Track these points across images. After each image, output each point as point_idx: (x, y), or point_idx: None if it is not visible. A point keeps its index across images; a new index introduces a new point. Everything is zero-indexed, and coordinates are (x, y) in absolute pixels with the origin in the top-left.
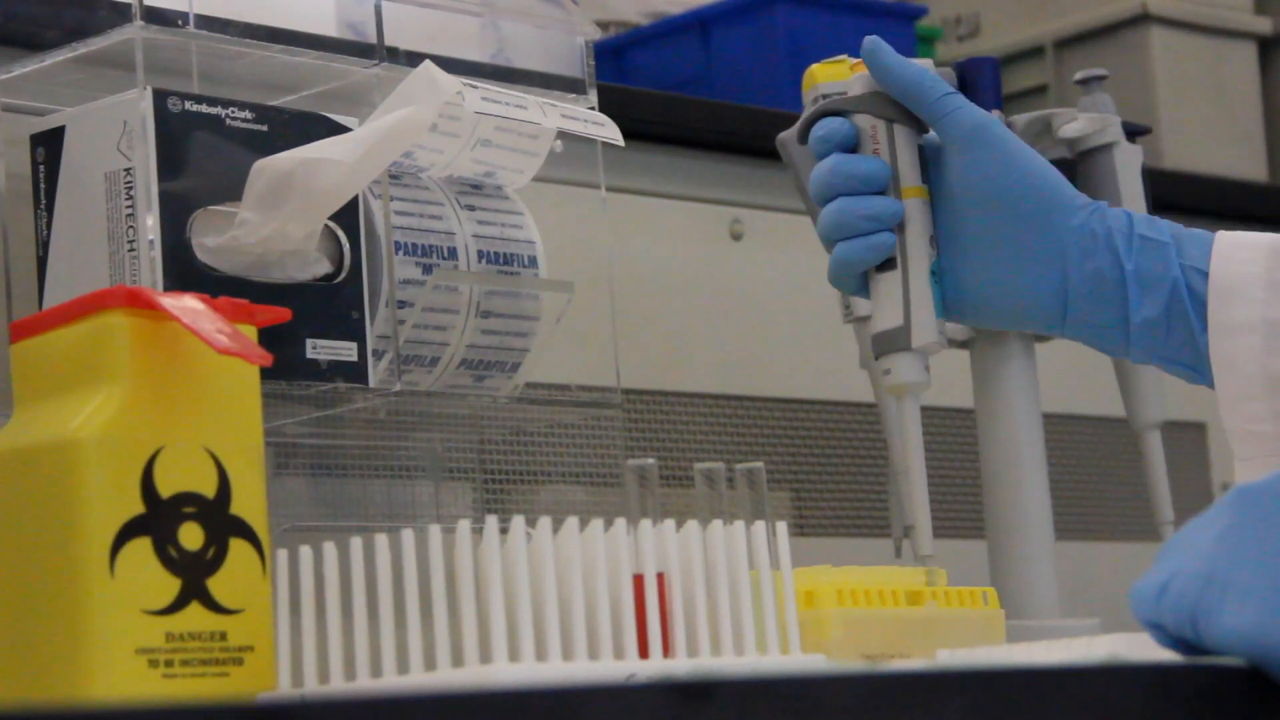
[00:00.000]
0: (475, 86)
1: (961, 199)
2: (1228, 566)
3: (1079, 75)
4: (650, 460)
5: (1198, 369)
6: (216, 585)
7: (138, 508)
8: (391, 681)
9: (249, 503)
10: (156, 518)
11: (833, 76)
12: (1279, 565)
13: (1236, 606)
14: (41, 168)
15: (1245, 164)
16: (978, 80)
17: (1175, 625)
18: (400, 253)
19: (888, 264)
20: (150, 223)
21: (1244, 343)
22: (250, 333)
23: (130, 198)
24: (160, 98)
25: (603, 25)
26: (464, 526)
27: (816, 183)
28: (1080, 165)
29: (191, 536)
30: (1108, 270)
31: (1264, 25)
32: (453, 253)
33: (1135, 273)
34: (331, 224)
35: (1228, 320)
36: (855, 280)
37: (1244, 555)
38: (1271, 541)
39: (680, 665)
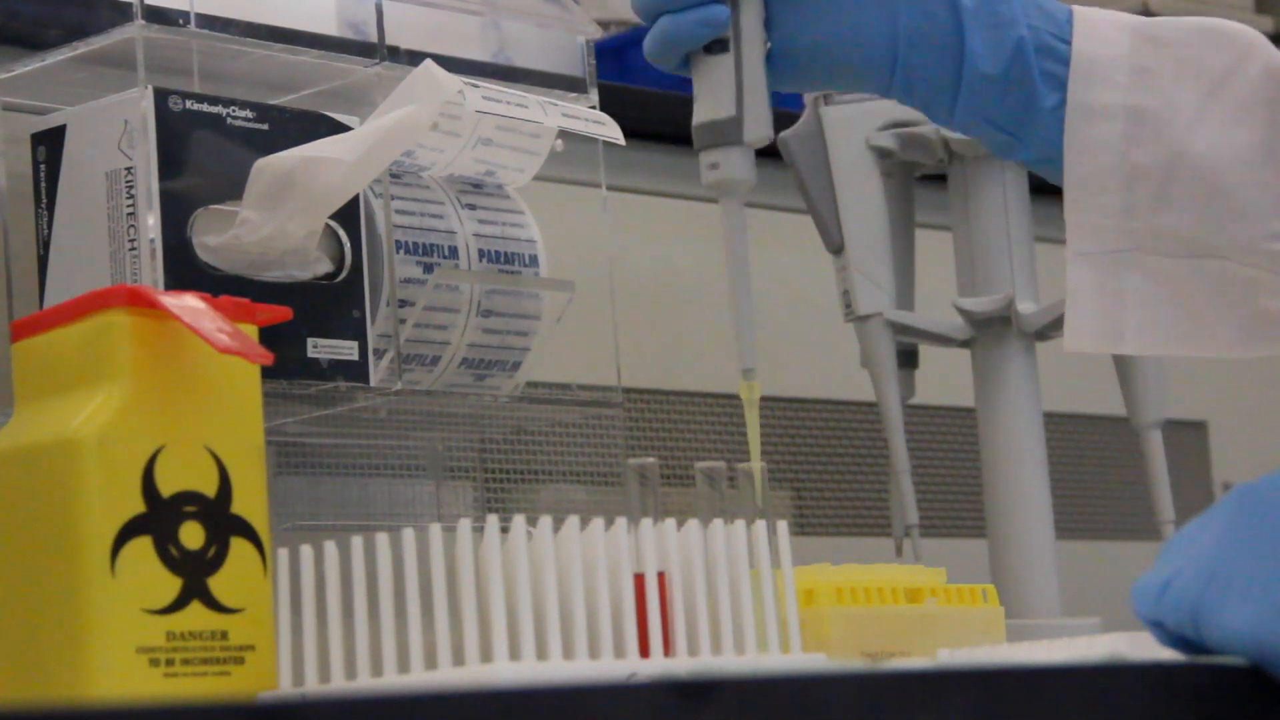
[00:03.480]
0: (476, 85)
1: None
2: (1228, 565)
3: None
4: (651, 459)
5: (1019, 138)
6: (217, 584)
7: (138, 507)
8: (392, 680)
9: (250, 502)
10: (157, 517)
11: None
12: (1279, 564)
13: (1237, 605)
14: (42, 167)
15: None
16: None
17: (1176, 624)
18: (401, 252)
19: (718, 45)
20: (151, 222)
21: (1104, 130)
22: (251, 332)
23: (131, 197)
24: (161, 97)
25: (604, 24)
26: (465, 526)
27: None
28: None
29: (192, 536)
30: (942, 14)
31: (1264, 25)
32: (453, 252)
33: (975, 18)
34: (332, 223)
35: (1088, 103)
36: (677, 59)
37: (1244, 554)
38: (1272, 541)
39: (681, 664)
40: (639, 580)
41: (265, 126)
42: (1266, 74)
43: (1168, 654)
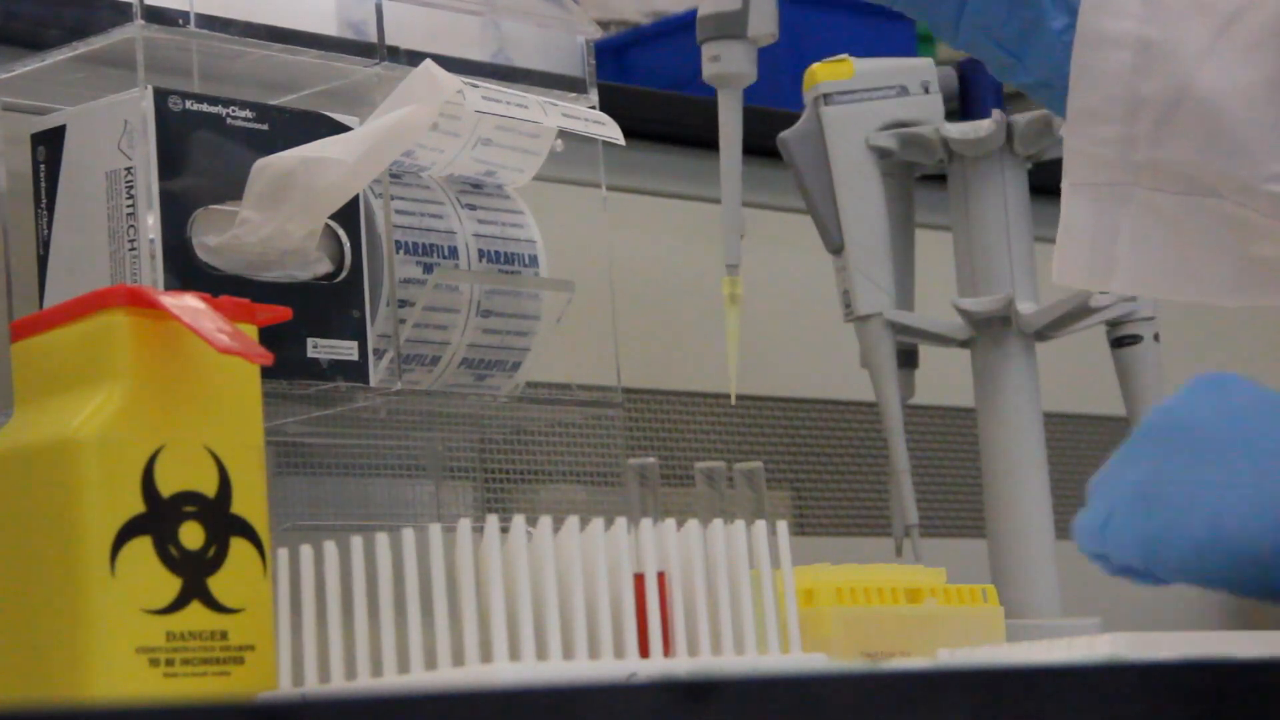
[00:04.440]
0: (476, 85)
1: None
2: (1166, 493)
3: None
4: (651, 459)
5: (1021, 59)
6: (217, 584)
7: (138, 507)
8: (392, 681)
9: (250, 502)
10: (157, 517)
11: (833, 76)
12: (1217, 490)
13: (1181, 533)
14: (42, 167)
15: None
16: (978, 80)
17: (1122, 557)
18: (401, 252)
19: None
20: (151, 222)
21: (1112, 58)
22: (251, 332)
23: (131, 197)
24: (161, 97)
25: (603, 24)
26: (464, 526)
27: None
28: None
29: (192, 536)
30: None
31: None
32: (453, 252)
33: None
34: (332, 223)
35: (1098, 30)
36: None
37: (1179, 480)
38: (1201, 463)
39: (681, 664)
40: (639, 580)
41: (265, 126)
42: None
43: (1167, 654)
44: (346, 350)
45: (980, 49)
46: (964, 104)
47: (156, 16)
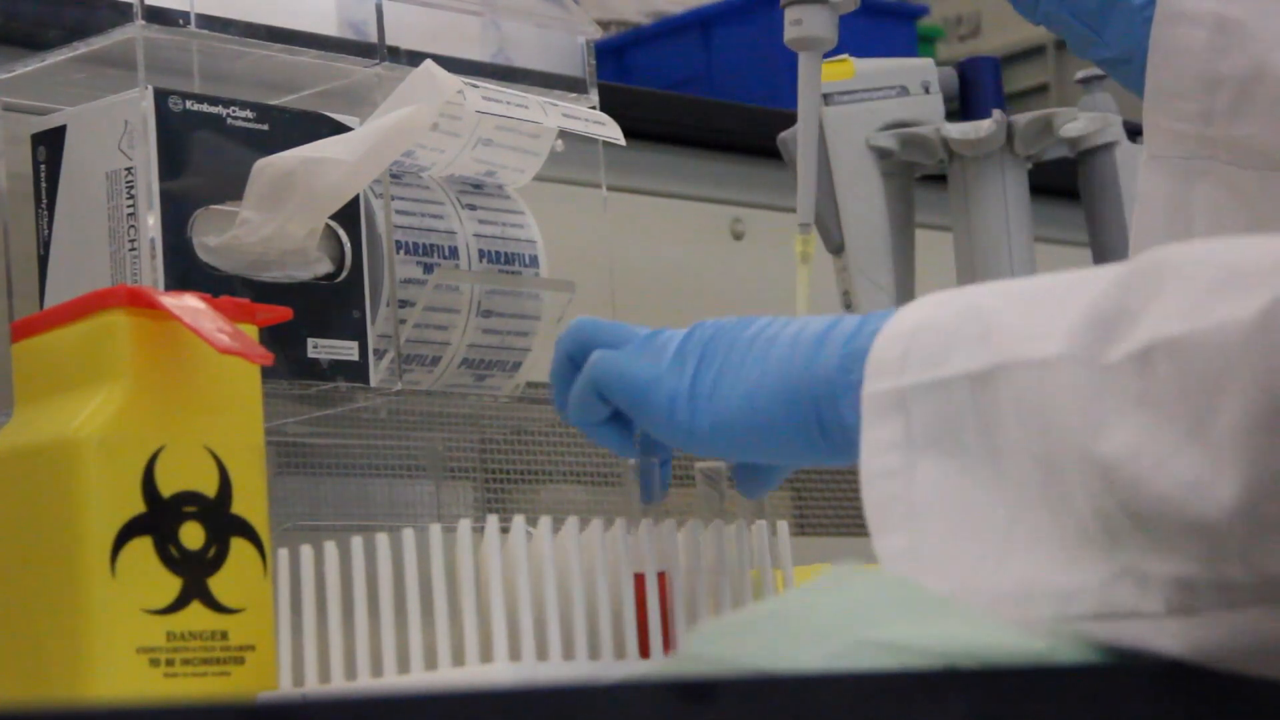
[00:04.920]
0: (476, 86)
1: None
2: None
3: (1080, 75)
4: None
5: (1100, 34)
6: (217, 584)
7: (139, 507)
8: (392, 681)
9: (250, 502)
10: (157, 517)
11: (834, 76)
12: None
13: (732, 375)
14: (42, 167)
15: None
16: (978, 80)
17: (665, 423)
18: (401, 252)
19: None
20: (151, 222)
21: (1190, 35)
22: (251, 332)
23: (131, 197)
24: (161, 97)
25: (603, 25)
26: (465, 526)
27: None
28: (1081, 164)
29: (192, 536)
30: None
31: None
32: (454, 252)
33: None
34: (333, 223)
35: (1178, 7)
36: None
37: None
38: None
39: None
40: (639, 580)
41: (265, 126)
42: None
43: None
44: (347, 350)
45: (1060, 23)
46: (964, 104)
47: (157, 16)
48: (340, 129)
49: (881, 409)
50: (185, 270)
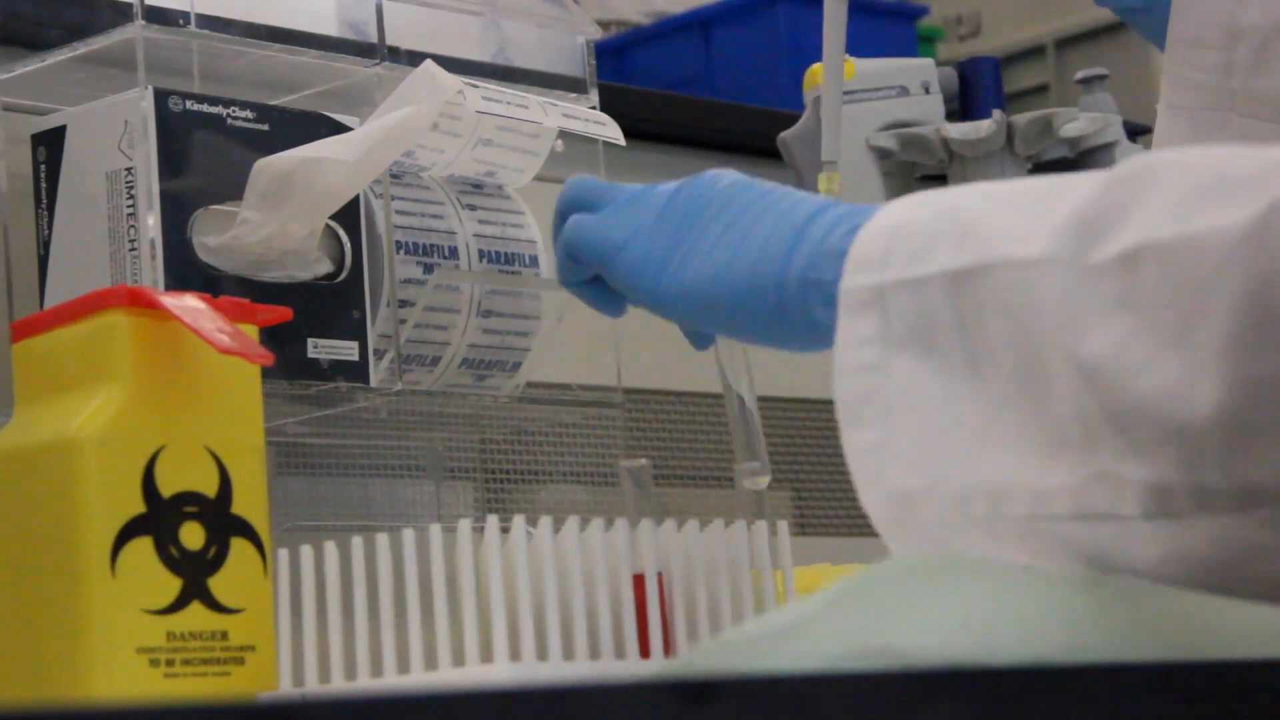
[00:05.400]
0: (476, 86)
1: None
2: (679, 240)
3: (1080, 75)
4: (643, 460)
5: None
6: (217, 585)
7: (139, 507)
8: (392, 681)
9: (250, 502)
10: (157, 517)
11: None
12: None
13: (691, 269)
14: (42, 167)
15: None
16: (978, 80)
17: (629, 281)
18: (401, 252)
19: None
20: (151, 222)
21: None
22: (251, 332)
23: (131, 197)
24: (161, 97)
25: (604, 25)
26: (465, 526)
27: None
28: (1081, 164)
29: (192, 536)
30: None
31: None
32: (454, 252)
33: None
34: (333, 223)
35: None
36: None
37: (687, 230)
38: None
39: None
40: (639, 580)
41: (265, 127)
42: None
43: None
44: (347, 350)
45: None
46: (964, 104)
47: (157, 16)
48: (340, 129)
49: (859, 304)
50: (185, 270)
